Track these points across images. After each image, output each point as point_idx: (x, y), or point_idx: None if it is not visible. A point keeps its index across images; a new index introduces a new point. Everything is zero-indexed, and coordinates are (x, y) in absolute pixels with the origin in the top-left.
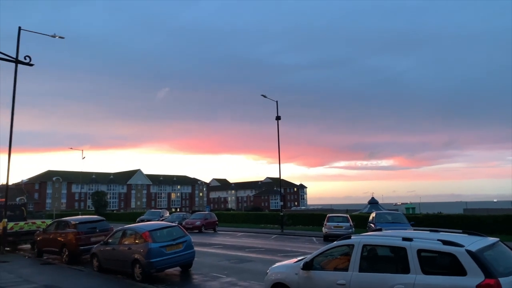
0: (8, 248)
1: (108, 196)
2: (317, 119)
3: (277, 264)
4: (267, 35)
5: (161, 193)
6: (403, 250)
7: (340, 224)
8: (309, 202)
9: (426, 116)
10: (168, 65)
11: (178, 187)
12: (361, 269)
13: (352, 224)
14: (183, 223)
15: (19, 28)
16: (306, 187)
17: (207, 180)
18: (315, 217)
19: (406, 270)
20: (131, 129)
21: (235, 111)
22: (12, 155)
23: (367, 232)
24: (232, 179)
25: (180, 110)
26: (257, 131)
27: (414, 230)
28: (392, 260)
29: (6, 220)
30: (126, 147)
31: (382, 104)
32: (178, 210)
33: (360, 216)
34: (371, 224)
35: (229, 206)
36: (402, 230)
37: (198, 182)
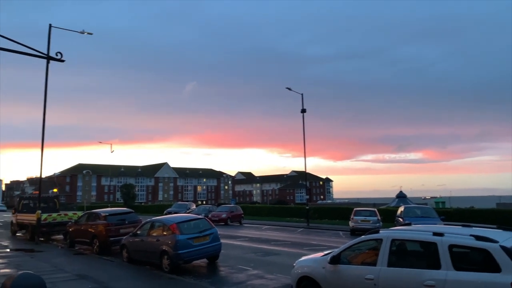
0: (42, 238)
1: (136, 189)
2: (343, 111)
3: (304, 257)
4: (293, 26)
5: (187, 186)
6: (433, 245)
7: (367, 218)
8: (335, 196)
9: (457, 107)
10: (195, 59)
11: (204, 180)
12: (390, 264)
13: (379, 218)
14: (209, 215)
15: (50, 26)
16: (332, 181)
17: (233, 174)
18: (342, 211)
19: (436, 265)
20: (158, 123)
21: (260, 105)
22: (44, 149)
23: (395, 226)
24: (257, 173)
25: (205, 104)
26: (282, 124)
27: (445, 224)
28: (422, 255)
29: (40, 211)
30: (154, 141)
31: (412, 95)
32: (204, 202)
33: (388, 210)
34: (399, 219)
35: (254, 199)
36: (432, 225)
37: (224, 175)
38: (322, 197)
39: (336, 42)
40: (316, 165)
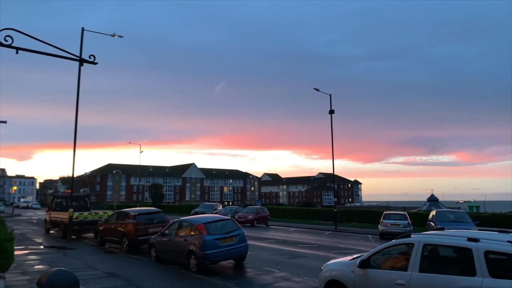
0: (73, 236)
1: (164, 189)
2: (373, 112)
3: (332, 261)
4: (323, 26)
5: (214, 187)
6: (468, 251)
7: (398, 221)
8: (364, 198)
9: (493, 108)
10: (225, 60)
11: (230, 181)
12: (422, 270)
13: (410, 222)
14: (236, 216)
15: (82, 29)
16: (360, 183)
17: (259, 175)
18: (371, 214)
19: (471, 272)
20: (186, 124)
21: (288, 105)
22: (76, 149)
23: (426, 231)
24: (283, 174)
25: (233, 105)
26: (310, 126)
27: (479, 230)
28: (456, 261)
29: (72, 210)
30: (181, 142)
31: (445, 96)
32: (230, 203)
33: (419, 214)
34: (431, 223)
35: (281, 201)
36: (466, 230)
37: (250, 176)
38: (350, 199)
39: (367, 42)
40: (345, 167)
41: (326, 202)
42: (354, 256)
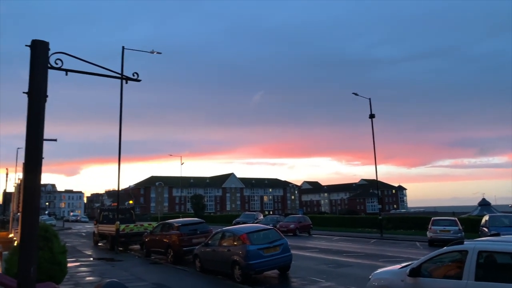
0: (120, 248)
1: (205, 199)
2: (416, 114)
3: (380, 269)
4: (359, 29)
5: (253, 196)
6: None
7: (447, 228)
8: (409, 204)
9: None
10: (261, 69)
11: (270, 190)
12: (477, 278)
13: (461, 228)
14: (277, 225)
15: (123, 48)
16: (405, 189)
17: (298, 183)
18: (417, 221)
19: None
20: (225, 135)
21: (326, 112)
22: (120, 163)
23: (479, 237)
24: (324, 182)
25: (271, 113)
26: (349, 131)
27: None
28: None
29: (118, 222)
30: (220, 152)
31: (493, 94)
32: (270, 212)
33: (470, 220)
34: (484, 228)
35: (322, 209)
36: None
37: (289, 185)
38: (395, 206)
39: (407, 42)
40: (388, 172)
41: (369, 210)
42: (404, 264)
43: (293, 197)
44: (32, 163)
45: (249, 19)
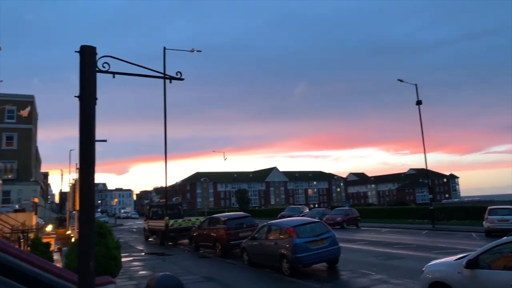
0: (170, 243)
1: (249, 194)
2: (467, 99)
3: (434, 261)
4: (403, 13)
5: (298, 189)
6: None
7: (506, 217)
8: (462, 194)
9: None
10: (303, 60)
11: (314, 183)
12: None
13: None
14: (324, 218)
15: (164, 48)
16: (458, 177)
17: (344, 175)
18: (472, 210)
19: None
20: (267, 129)
21: (370, 101)
22: (167, 161)
23: None
24: (370, 173)
25: (313, 105)
26: (396, 120)
27: None
28: None
29: (167, 218)
30: (263, 147)
31: None
32: (316, 206)
33: None
34: None
35: (370, 201)
36: None
37: (335, 177)
38: (447, 195)
39: (454, 23)
40: (439, 161)
41: (419, 200)
42: (459, 256)
43: (338, 189)
44: (86, 163)
45: (289, 12)
